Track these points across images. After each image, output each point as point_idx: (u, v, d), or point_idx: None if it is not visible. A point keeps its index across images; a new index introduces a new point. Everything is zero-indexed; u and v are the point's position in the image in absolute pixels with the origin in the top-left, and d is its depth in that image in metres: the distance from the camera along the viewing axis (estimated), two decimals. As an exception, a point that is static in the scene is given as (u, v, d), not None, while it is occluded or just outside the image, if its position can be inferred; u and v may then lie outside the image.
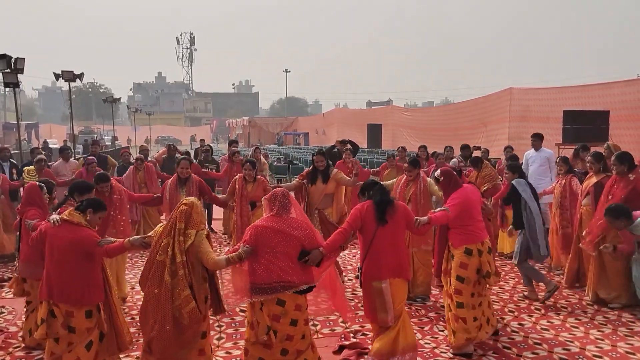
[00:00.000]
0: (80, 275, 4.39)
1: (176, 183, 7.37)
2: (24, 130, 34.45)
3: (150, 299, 4.19)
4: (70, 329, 4.38)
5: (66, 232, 4.43)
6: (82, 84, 68.81)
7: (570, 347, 5.42)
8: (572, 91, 19.73)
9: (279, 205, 4.49)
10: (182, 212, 4.25)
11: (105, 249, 4.41)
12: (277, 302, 4.27)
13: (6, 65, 13.10)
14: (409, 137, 31.18)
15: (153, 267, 4.20)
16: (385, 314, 4.67)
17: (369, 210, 4.71)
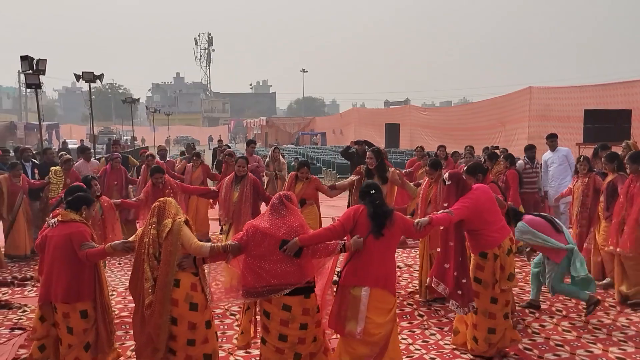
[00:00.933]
0: (70, 271, 4.50)
1: (232, 180, 7.54)
2: (45, 131, 34.88)
3: (137, 297, 4.33)
4: (69, 329, 4.51)
5: (60, 230, 4.58)
6: (102, 85, 69.50)
7: (593, 349, 5.35)
8: (593, 90, 19.50)
9: (271, 207, 4.51)
10: (154, 208, 4.39)
11: (85, 253, 4.48)
12: (283, 307, 4.26)
13: (28, 66, 13.26)
14: (427, 137, 31.03)
15: (140, 267, 4.29)
16: (355, 325, 4.33)
17: (363, 215, 4.45)
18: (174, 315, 4.20)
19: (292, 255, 4.26)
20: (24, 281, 7.91)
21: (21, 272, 8.52)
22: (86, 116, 61.99)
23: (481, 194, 5.13)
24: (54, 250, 4.54)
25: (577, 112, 17.55)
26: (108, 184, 9.78)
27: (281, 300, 4.25)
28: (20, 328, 6.07)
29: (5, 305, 6.85)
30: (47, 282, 4.58)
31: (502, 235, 5.15)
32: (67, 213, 4.68)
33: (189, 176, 10.40)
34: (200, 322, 4.29)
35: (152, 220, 4.33)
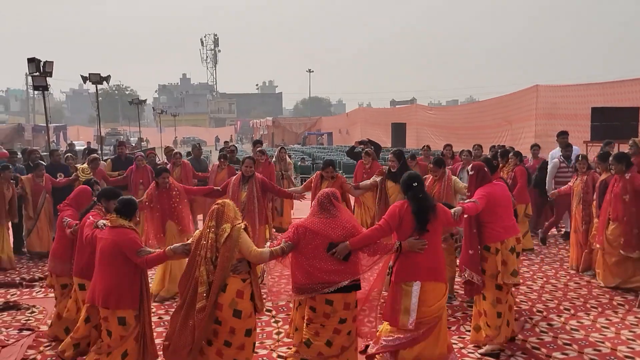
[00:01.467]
0: (113, 277, 4.44)
1: (240, 180, 7.54)
2: (52, 133, 35.04)
3: (184, 296, 4.33)
4: (108, 332, 4.47)
5: (111, 235, 4.51)
6: (109, 87, 69.70)
7: (601, 347, 5.32)
8: (601, 87, 19.42)
9: (319, 207, 4.55)
10: (212, 211, 4.36)
11: (145, 259, 4.42)
12: (325, 302, 4.37)
13: (35, 68, 13.33)
14: (433, 136, 30.99)
15: (193, 268, 4.28)
16: (407, 317, 4.51)
17: (408, 211, 4.56)
18: (219, 318, 4.24)
19: (342, 258, 4.37)
20: (32, 282, 7.95)
21: (29, 273, 8.56)
22: (93, 118, 62.24)
23: (498, 188, 5.31)
24: (100, 253, 4.54)
25: (584, 110, 17.47)
26: (134, 183, 9.87)
27: (324, 296, 4.36)
28: (28, 329, 6.10)
29: (14, 306, 6.89)
30: (93, 284, 4.62)
31: (507, 233, 5.25)
32: (117, 218, 4.56)
33: (214, 176, 10.36)
34: (240, 328, 4.29)
35: (210, 223, 4.30)
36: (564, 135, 9.97)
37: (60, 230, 5.64)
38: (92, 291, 4.59)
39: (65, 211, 5.66)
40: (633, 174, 6.97)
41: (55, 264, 5.71)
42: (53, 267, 5.75)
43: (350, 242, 4.40)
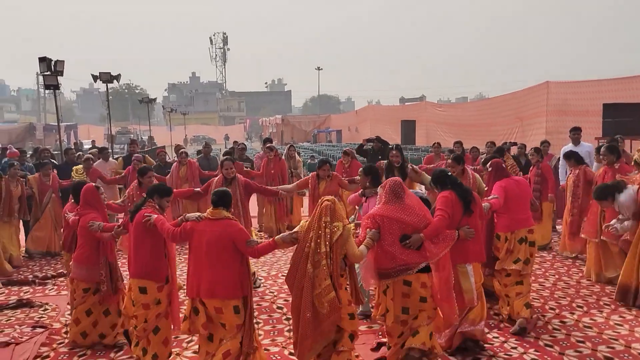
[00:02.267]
0: (229, 270, 4.46)
1: (222, 183, 7.31)
2: (63, 132, 35.27)
3: (298, 290, 4.36)
4: (222, 324, 4.48)
5: (218, 227, 4.49)
6: (119, 86, 70.00)
7: (615, 345, 5.28)
8: (612, 83, 19.26)
9: (392, 194, 4.74)
10: (326, 207, 4.40)
11: (255, 249, 4.50)
12: (403, 282, 4.62)
13: (46, 68, 13.39)
14: (443, 133, 30.86)
15: (301, 260, 4.35)
16: (472, 294, 5.07)
17: (455, 198, 5.00)
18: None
19: (415, 248, 4.64)
20: (45, 280, 8.01)
21: (42, 270, 8.63)
22: (104, 117, 62.64)
23: (514, 183, 5.88)
24: (207, 246, 4.47)
25: (595, 106, 17.35)
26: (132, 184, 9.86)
27: (402, 277, 4.61)
28: (41, 326, 6.15)
29: (27, 303, 6.95)
30: (194, 277, 4.54)
31: (517, 225, 5.81)
32: (220, 211, 4.56)
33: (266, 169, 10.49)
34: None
35: (325, 218, 4.34)
36: (576, 131, 9.90)
37: (85, 236, 5.43)
38: (196, 284, 4.50)
39: (87, 214, 5.44)
40: (622, 164, 7.36)
41: (81, 270, 5.46)
42: (79, 274, 5.47)
43: (424, 233, 4.68)
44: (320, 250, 4.27)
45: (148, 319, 4.76)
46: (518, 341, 5.38)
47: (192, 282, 4.54)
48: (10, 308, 6.83)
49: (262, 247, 4.53)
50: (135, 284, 4.81)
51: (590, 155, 9.42)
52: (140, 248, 4.83)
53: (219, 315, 4.46)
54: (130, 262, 4.92)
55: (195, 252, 4.55)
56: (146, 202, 4.99)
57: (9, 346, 5.58)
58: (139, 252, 4.84)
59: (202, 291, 4.47)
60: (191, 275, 4.56)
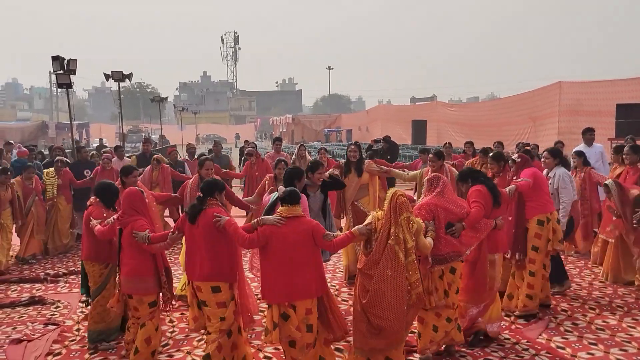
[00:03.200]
0: (314, 267, 4.44)
1: (197, 184, 6.79)
2: (75, 130, 35.44)
3: (382, 280, 4.30)
4: (309, 327, 4.37)
5: (294, 226, 4.40)
6: (130, 84, 70.42)
7: (628, 347, 5.24)
8: (625, 84, 19.12)
9: (441, 185, 5.08)
10: (404, 203, 4.43)
11: (333, 242, 4.44)
12: (450, 270, 4.97)
13: (59, 66, 13.45)
14: (454, 133, 30.78)
15: (384, 252, 4.32)
16: (498, 282, 5.46)
17: (487, 193, 5.29)
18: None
19: (457, 236, 4.97)
20: (57, 277, 8.06)
21: (54, 268, 8.68)
22: (115, 115, 62.86)
23: (537, 172, 6.31)
24: (293, 247, 4.34)
25: (608, 106, 17.23)
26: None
27: (450, 265, 4.94)
28: (54, 323, 6.19)
29: (39, 301, 7.00)
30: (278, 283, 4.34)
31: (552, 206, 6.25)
32: (295, 208, 4.46)
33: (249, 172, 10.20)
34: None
35: (407, 214, 4.40)
36: (588, 132, 9.76)
37: (134, 244, 4.86)
38: (283, 288, 4.33)
39: (135, 222, 4.89)
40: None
41: (136, 283, 4.91)
42: (135, 287, 4.91)
43: (465, 222, 5.03)
44: (408, 245, 4.35)
45: (227, 317, 4.56)
46: (528, 344, 5.34)
47: (277, 287, 4.35)
48: (22, 305, 6.88)
49: (339, 240, 4.46)
50: (206, 285, 4.55)
51: (603, 156, 9.33)
52: (216, 250, 4.57)
53: (307, 316, 4.36)
54: (201, 265, 4.56)
55: (276, 255, 4.36)
56: (206, 201, 4.67)
57: (22, 343, 5.62)
58: (215, 255, 4.56)
59: (295, 293, 4.32)
60: (275, 280, 4.36)
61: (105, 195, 5.58)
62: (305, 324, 4.35)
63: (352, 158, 7.52)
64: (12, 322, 6.31)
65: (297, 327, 4.31)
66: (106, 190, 5.60)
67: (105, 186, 5.67)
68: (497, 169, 6.73)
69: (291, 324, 4.29)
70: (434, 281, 4.89)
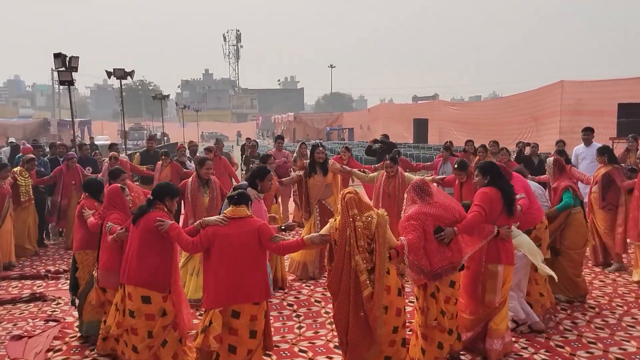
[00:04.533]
0: (257, 270, 4.31)
1: (198, 184, 6.93)
2: (77, 127, 35.47)
3: (344, 292, 4.18)
4: (253, 332, 4.27)
5: (239, 227, 4.30)
6: (132, 82, 70.20)
7: (627, 347, 5.24)
8: (627, 83, 19.05)
9: (422, 192, 4.71)
10: (351, 199, 4.26)
11: (280, 245, 4.34)
12: (450, 283, 4.65)
13: (61, 63, 13.48)
14: (456, 132, 30.70)
15: (345, 261, 4.16)
16: (494, 296, 4.93)
17: (497, 199, 4.88)
18: (386, 303, 4.23)
19: (447, 243, 4.61)
20: (58, 274, 8.08)
21: (55, 265, 8.70)
22: (117, 113, 62.87)
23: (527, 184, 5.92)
24: (238, 248, 4.23)
25: (610, 106, 17.19)
26: (66, 184, 9.69)
27: (449, 278, 4.61)
28: (54, 320, 6.21)
29: (40, 297, 7.01)
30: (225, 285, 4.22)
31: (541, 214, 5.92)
32: (241, 209, 4.37)
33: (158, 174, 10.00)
34: (403, 306, 4.44)
35: (352, 212, 4.19)
36: (587, 132, 9.89)
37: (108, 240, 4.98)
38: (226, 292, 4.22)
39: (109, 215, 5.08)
40: None
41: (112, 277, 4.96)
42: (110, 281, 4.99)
43: (457, 228, 4.67)
44: (359, 244, 4.14)
45: (154, 333, 4.46)
46: (528, 342, 5.36)
47: (220, 290, 4.22)
48: (23, 302, 6.90)
49: (287, 244, 4.37)
50: (137, 293, 4.47)
51: None
52: (147, 255, 4.50)
53: (252, 322, 4.24)
54: (129, 267, 4.54)
55: (220, 257, 4.25)
56: (154, 204, 4.64)
57: (22, 339, 5.64)
58: (144, 259, 4.49)
59: (239, 297, 4.21)
60: (218, 283, 4.23)
61: (91, 190, 5.86)
62: (249, 329, 4.24)
63: (319, 159, 7.72)
64: (13, 319, 6.33)
65: (239, 332, 4.22)
66: (91, 185, 5.95)
67: (89, 182, 6.12)
68: (464, 178, 6.88)
69: (211, 332, 4.16)
70: (426, 300, 4.59)
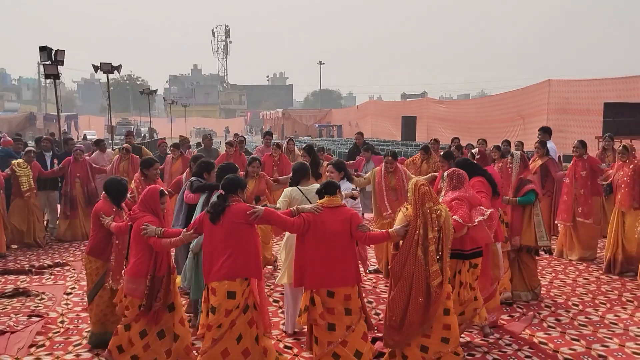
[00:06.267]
0: (350, 255, 4.52)
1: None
2: (63, 122, 35.18)
3: (407, 277, 4.39)
4: (348, 310, 4.49)
5: (334, 215, 4.50)
6: (120, 76, 69.89)
7: (609, 344, 5.28)
8: (613, 83, 19.23)
9: (463, 180, 5.15)
10: (427, 192, 4.47)
11: (367, 235, 4.51)
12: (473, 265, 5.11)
13: (47, 57, 13.37)
14: (444, 130, 30.80)
15: (411, 247, 4.38)
16: (498, 270, 5.67)
17: (488, 183, 5.54)
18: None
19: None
20: (42, 269, 8.02)
21: (39, 260, 8.63)
22: (104, 107, 62.60)
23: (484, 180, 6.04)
24: (332, 236, 4.45)
25: (596, 105, 17.35)
26: (72, 176, 9.80)
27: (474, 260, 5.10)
28: (37, 315, 6.15)
29: (24, 292, 6.95)
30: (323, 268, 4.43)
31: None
32: (336, 198, 4.61)
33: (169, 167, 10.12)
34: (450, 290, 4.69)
35: (428, 204, 4.41)
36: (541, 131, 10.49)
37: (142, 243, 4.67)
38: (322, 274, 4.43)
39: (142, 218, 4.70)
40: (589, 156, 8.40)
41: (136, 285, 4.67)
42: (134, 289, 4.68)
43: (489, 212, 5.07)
44: (429, 236, 4.36)
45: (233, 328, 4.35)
46: (513, 337, 5.40)
47: (317, 274, 4.46)
48: (6, 297, 6.83)
49: (373, 235, 4.58)
50: (222, 288, 4.33)
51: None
52: (237, 246, 4.40)
53: (347, 301, 4.48)
54: (217, 264, 4.37)
55: (316, 242, 4.46)
56: (229, 198, 4.52)
57: (5, 334, 5.58)
58: (235, 251, 4.39)
59: (334, 281, 4.45)
60: (314, 267, 4.46)
61: (113, 193, 5.37)
62: (344, 307, 4.47)
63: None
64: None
65: (337, 310, 4.44)
66: (114, 187, 5.40)
67: (113, 183, 5.47)
68: (447, 167, 6.99)
69: (316, 310, 4.41)
70: (464, 275, 5.04)
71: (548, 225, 8.50)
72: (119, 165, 10.18)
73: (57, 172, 9.97)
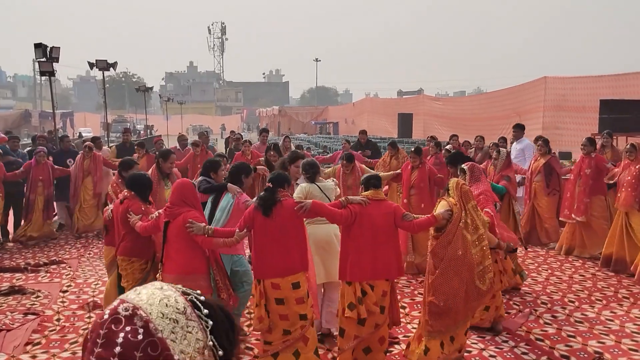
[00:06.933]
0: (392, 249, 4.58)
1: (158, 177, 6.90)
2: (59, 119, 35.06)
3: (454, 259, 4.46)
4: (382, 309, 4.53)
5: (379, 208, 4.57)
6: (116, 74, 69.42)
7: (605, 340, 5.31)
8: (610, 80, 19.21)
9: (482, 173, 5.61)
10: (468, 191, 4.73)
11: (413, 223, 4.56)
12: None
13: (42, 54, 13.29)
14: (440, 127, 30.76)
15: (456, 233, 4.50)
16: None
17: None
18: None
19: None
20: (37, 267, 8.00)
21: (35, 257, 8.60)
22: (100, 105, 62.22)
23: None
24: (378, 229, 4.50)
25: (592, 102, 17.32)
26: (34, 179, 9.51)
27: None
28: (33, 313, 6.14)
29: (19, 290, 6.93)
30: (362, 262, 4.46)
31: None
32: (379, 191, 4.68)
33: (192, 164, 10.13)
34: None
35: (473, 202, 4.70)
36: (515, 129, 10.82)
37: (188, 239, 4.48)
38: (364, 268, 4.46)
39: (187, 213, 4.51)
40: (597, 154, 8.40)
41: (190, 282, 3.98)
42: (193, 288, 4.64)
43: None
44: (479, 232, 4.59)
45: (307, 313, 4.44)
46: (509, 334, 5.40)
47: (363, 265, 4.46)
48: (2, 294, 6.80)
49: (419, 222, 4.58)
50: (286, 282, 4.38)
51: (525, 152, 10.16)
52: (289, 240, 4.43)
53: (383, 298, 4.51)
54: (275, 259, 4.39)
55: (362, 234, 4.49)
56: (277, 192, 4.51)
57: (0, 332, 5.56)
58: (291, 247, 4.43)
59: (378, 273, 4.49)
60: (360, 259, 4.47)
61: (140, 188, 5.25)
62: (379, 305, 4.50)
63: (273, 162, 7.93)
64: (-9, 312, 6.24)
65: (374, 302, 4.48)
66: (138, 182, 5.29)
67: (137, 178, 5.36)
68: (417, 162, 7.60)
69: (369, 299, 4.46)
70: (503, 262, 5.51)
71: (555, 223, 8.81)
72: (82, 163, 9.99)
73: (19, 175, 9.51)
